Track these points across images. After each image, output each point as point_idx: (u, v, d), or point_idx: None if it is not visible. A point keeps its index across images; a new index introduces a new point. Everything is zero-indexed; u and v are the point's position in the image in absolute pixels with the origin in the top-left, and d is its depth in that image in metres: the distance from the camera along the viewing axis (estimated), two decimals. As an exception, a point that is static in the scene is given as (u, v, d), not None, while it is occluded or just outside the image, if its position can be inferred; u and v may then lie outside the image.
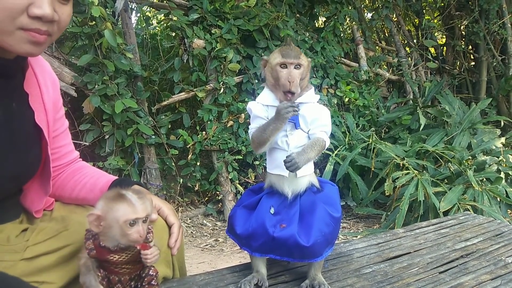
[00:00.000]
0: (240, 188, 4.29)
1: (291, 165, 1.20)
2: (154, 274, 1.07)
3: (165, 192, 4.13)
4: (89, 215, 0.98)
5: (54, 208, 1.34)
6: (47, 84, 1.22)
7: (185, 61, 4.21)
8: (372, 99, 5.33)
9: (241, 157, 4.28)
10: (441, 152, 4.15)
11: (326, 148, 1.30)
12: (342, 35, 5.66)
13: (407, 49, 6.53)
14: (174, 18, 4.14)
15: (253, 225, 1.28)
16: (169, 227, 1.36)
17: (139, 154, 3.92)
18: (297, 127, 1.27)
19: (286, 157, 1.21)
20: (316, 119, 1.29)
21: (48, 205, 1.32)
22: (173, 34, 4.65)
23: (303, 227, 1.25)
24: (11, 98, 1.09)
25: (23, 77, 1.14)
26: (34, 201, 1.24)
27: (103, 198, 1.00)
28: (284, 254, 1.27)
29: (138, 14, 5.53)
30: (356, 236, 3.73)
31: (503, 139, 4.68)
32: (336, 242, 1.41)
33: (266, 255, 1.30)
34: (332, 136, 4.68)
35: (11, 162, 1.09)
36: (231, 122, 4.30)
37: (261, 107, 1.30)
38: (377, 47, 6.43)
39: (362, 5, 6.42)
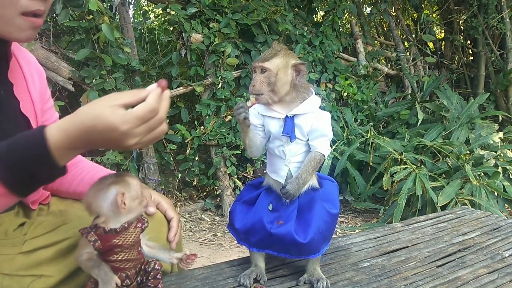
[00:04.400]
0: (238, 183, 4.30)
1: (288, 197, 1.24)
2: (159, 268, 1.08)
3: (163, 187, 4.14)
4: (119, 194, 0.98)
5: (51, 203, 1.34)
6: (32, 75, 1.22)
7: (183, 55, 4.20)
8: (371, 94, 5.33)
9: (239, 152, 4.28)
10: (439, 147, 4.16)
11: (326, 156, 1.29)
12: (340, 29, 5.65)
13: (406, 43, 6.52)
14: (172, 12, 4.12)
15: (251, 221, 1.29)
16: (168, 221, 1.37)
17: (137, 149, 3.92)
18: (291, 140, 1.25)
19: (282, 188, 1.24)
20: (315, 129, 1.26)
21: (43, 198, 1.31)
22: (171, 28, 4.64)
23: (300, 224, 1.26)
24: None
25: (7, 66, 1.14)
26: None
27: (111, 183, 1.00)
28: (281, 251, 1.28)
29: (136, 8, 5.51)
30: (354, 231, 3.75)
31: (501, 134, 4.69)
32: (334, 236, 1.42)
33: (263, 251, 1.31)
34: (331, 131, 4.68)
35: None
36: (229, 117, 4.30)
37: (256, 114, 1.30)
38: (375, 41, 6.43)
39: (361, 0, 6.40)
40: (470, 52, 7.08)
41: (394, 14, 6.45)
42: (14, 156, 0.83)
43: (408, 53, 6.39)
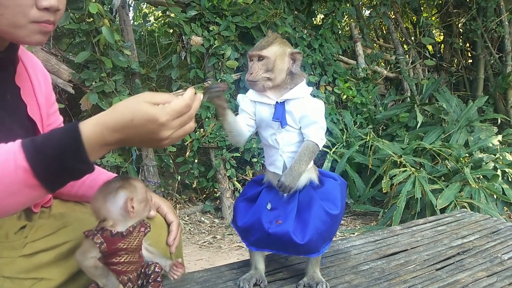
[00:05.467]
0: (238, 186, 4.30)
1: (284, 190, 1.22)
2: (160, 270, 1.09)
3: (163, 189, 4.14)
4: (129, 199, 1.00)
5: (53, 205, 1.34)
6: (38, 79, 1.24)
7: (183, 58, 4.20)
8: (370, 97, 5.34)
9: (239, 155, 4.29)
10: (438, 150, 4.16)
11: (321, 147, 1.27)
12: (340, 32, 5.66)
13: (405, 46, 6.53)
14: (172, 15, 4.13)
15: (250, 220, 1.29)
16: (168, 225, 1.37)
17: (137, 151, 3.92)
18: (283, 126, 1.25)
19: (278, 181, 1.23)
20: (305, 116, 1.25)
21: (45, 201, 1.32)
22: (171, 31, 4.64)
23: (299, 224, 1.25)
24: (4, 90, 1.10)
25: (14, 70, 1.15)
26: None
27: (119, 187, 1.02)
28: (280, 249, 1.28)
29: (136, 10, 5.52)
30: (354, 233, 3.75)
31: (500, 137, 4.70)
32: (333, 239, 1.41)
33: (262, 250, 1.31)
34: (330, 133, 4.69)
35: None
36: (229, 119, 4.29)
37: (249, 102, 1.30)
38: (375, 44, 6.44)
39: (360, 2, 6.41)
40: (469, 55, 7.09)
41: (393, 17, 6.47)
42: (48, 148, 0.85)
43: (407, 56, 6.40)
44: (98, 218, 1.03)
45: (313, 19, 5.79)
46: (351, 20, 5.99)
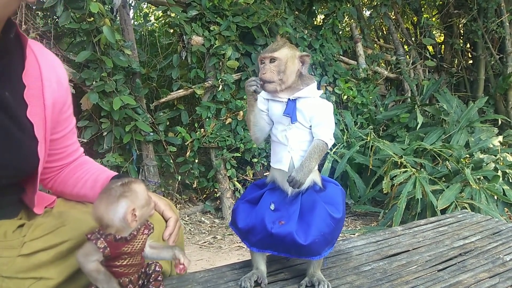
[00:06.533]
0: (238, 186, 4.29)
1: (294, 184, 1.23)
2: (160, 270, 1.09)
3: (163, 189, 4.13)
4: (129, 212, 0.99)
5: (55, 205, 1.34)
6: (50, 80, 1.20)
7: (183, 58, 4.20)
8: (370, 97, 5.34)
9: (239, 155, 4.28)
10: (438, 150, 4.16)
11: (330, 146, 1.29)
12: (340, 32, 5.66)
13: (406, 47, 6.53)
14: (173, 15, 4.13)
15: (253, 221, 1.29)
16: (166, 221, 1.36)
17: (137, 151, 3.91)
18: (292, 121, 1.26)
19: (288, 177, 1.24)
20: (314, 115, 1.27)
21: (50, 203, 1.31)
22: (172, 30, 4.64)
23: (302, 225, 1.25)
24: (2, 86, 1.07)
25: (22, 67, 1.12)
26: (31, 199, 1.24)
27: (120, 195, 1.00)
28: (282, 250, 1.27)
29: (137, 10, 5.52)
30: (354, 234, 3.74)
31: (500, 138, 4.70)
32: (334, 240, 1.41)
33: (263, 251, 1.31)
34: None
35: (4, 153, 1.07)
36: (229, 120, 4.29)
37: (262, 100, 1.33)
38: (375, 45, 6.44)
39: (361, 3, 6.41)
40: (470, 55, 7.09)
41: (394, 17, 6.47)
42: None
43: (408, 56, 6.40)
44: (101, 225, 1.02)
45: (313, 19, 5.79)
46: (352, 20, 5.99)
